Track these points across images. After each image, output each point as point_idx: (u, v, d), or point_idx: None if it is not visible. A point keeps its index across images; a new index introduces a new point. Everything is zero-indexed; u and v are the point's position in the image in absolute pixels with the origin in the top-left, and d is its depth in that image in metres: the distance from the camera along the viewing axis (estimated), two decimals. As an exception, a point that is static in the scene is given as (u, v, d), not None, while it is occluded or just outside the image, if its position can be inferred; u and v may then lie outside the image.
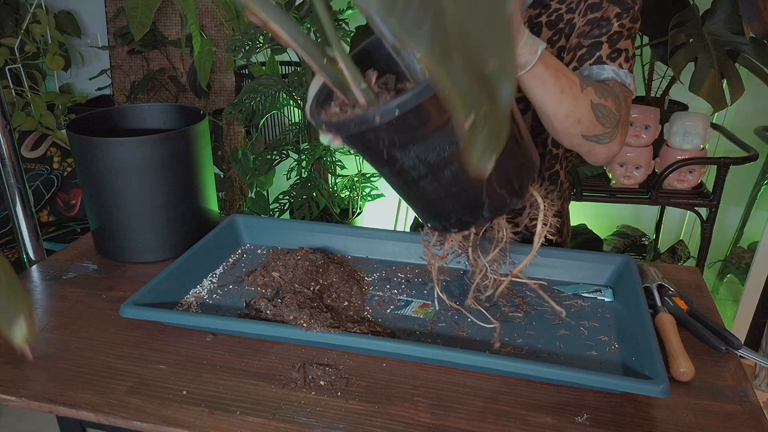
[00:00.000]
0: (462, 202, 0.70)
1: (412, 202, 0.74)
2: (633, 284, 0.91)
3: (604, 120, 0.85)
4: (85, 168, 1.04)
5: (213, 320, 0.86)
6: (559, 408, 0.74)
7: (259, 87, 1.99)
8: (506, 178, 0.71)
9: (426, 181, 0.68)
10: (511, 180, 0.72)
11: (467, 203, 0.70)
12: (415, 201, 0.73)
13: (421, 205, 0.73)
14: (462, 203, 0.70)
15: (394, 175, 0.70)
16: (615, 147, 0.89)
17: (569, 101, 0.81)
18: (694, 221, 2.31)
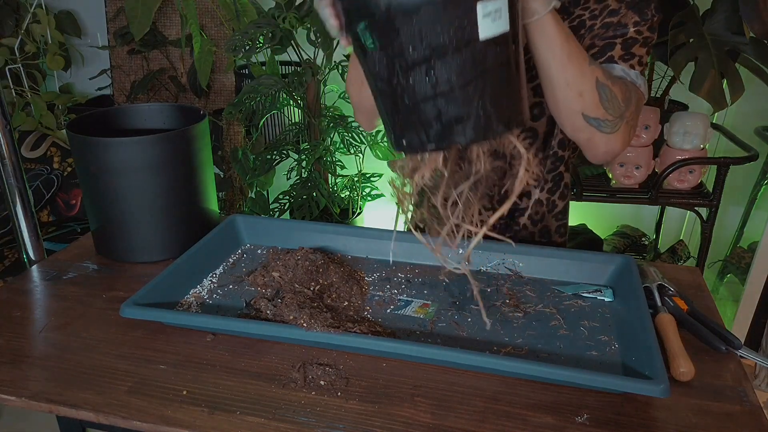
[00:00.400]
0: (450, 106, 0.65)
1: (392, 106, 0.68)
2: (633, 284, 0.91)
3: (607, 103, 0.84)
4: (85, 168, 1.04)
5: (213, 320, 0.86)
6: (559, 408, 0.74)
7: (259, 87, 1.99)
8: (499, 97, 0.67)
9: (418, 72, 0.64)
10: (503, 103, 0.68)
11: (455, 108, 0.65)
12: (396, 104, 0.68)
13: (403, 109, 0.67)
14: (450, 107, 0.65)
15: (383, 64, 0.65)
16: (616, 142, 0.88)
17: (574, 70, 0.81)
18: (694, 221, 2.31)
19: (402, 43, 0.63)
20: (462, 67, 0.63)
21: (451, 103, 0.65)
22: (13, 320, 0.92)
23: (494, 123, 0.67)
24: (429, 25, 0.61)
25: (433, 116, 0.66)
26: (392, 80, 0.67)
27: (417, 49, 0.63)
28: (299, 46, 2.05)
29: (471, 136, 0.66)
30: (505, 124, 0.68)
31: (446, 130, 0.66)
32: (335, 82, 2.23)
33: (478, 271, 1.02)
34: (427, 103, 0.65)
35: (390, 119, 0.70)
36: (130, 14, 2.20)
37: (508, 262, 1.02)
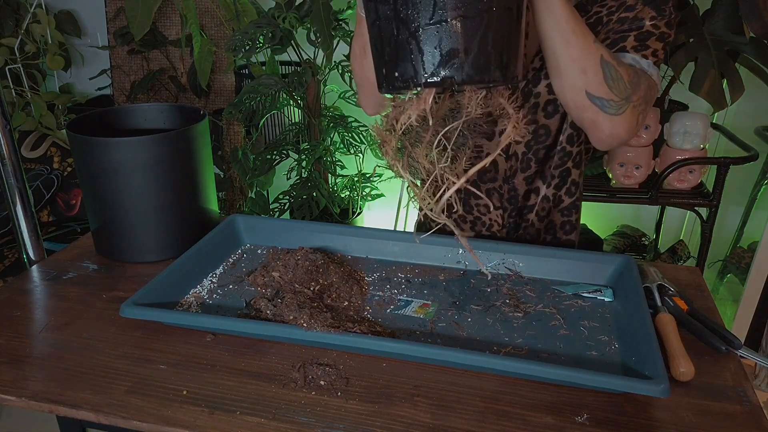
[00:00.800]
0: (452, 36, 0.64)
1: (391, 36, 0.66)
2: (633, 284, 0.91)
3: (611, 83, 0.83)
4: (85, 168, 1.04)
5: (213, 320, 0.86)
6: (559, 408, 0.74)
7: (259, 87, 1.99)
8: (500, 41, 0.66)
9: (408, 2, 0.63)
10: (503, 48, 0.66)
11: (456, 39, 0.64)
12: (397, 32, 0.66)
13: (403, 36, 0.65)
14: (452, 37, 0.64)
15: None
16: (621, 126, 0.87)
17: (579, 45, 0.81)
18: (694, 221, 2.31)
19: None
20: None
21: (454, 33, 0.63)
22: (13, 320, 0.92)
23: (492, 66, 0.65)
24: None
25: (432, 44, 0.64)
26: (397, 5, 0.64)
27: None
28: (299, 46, 2.05)
29: (468, 73, 0.64)
30: (502, 72, 0.66)
31: (443, 62, 0.64)
32: (335, 82, 2.23)
33: (478, 270, 1.02)
34: (429, 29, 0.63)
35: (385, 52, 0.68)
36: (130, 14, 2.20)
37: (508, 262, 1.02)
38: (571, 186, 1.11)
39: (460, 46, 0.64)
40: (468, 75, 0.65)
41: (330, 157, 2.19)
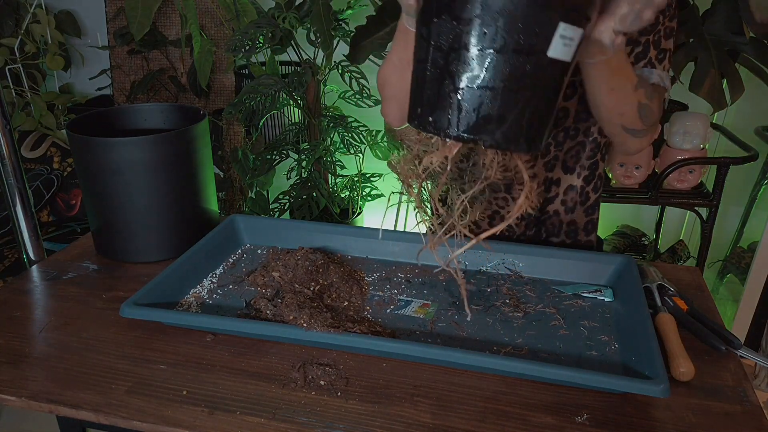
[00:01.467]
0: (494, 102, 0.66)
1: (436, 81, 0.68)
2: (633, 284, 0.91)
3: (645, 119, 0.89)
4: (85, 168, 1.04)
5: (213, 320, 0.86)
6: (559, 408, 0.74)
7: (259, 87, 1.99)
8: (538, 115, 0.68)
9: (480, 57, 0.64)
10: (536, 124, 0.69)
11: (497, 106, 0.66)
12: (441, 80, 0.67)
13: (447, 87, 0.67)
14: (493, 103, 0.66)
15: (449, 34, 0.65)
16: (646, 142, 0.94)
17: (621, 95, 0.84)
18: (694, 221, 2.31)
19: (479, 22, 0.63)
20: (521, 70, 0.64)
21: (496, 100, 0.65)
22: (13, 320, 0.92)
23: (522, 138, 0.68)
24: (512, 17, 0.62)
25: (472, 105, 0.65)
26: (450, 54, 0.66)
27: (490, 34, 0.63)
28: (299, 46, 2.05)
29: (498, 139, 0.67)
30: (529, 144, 0.69)
31: (478, 123, 0.66)
32: (335, 82, 2.23)
33: (478, 270, 1.02)
34: (473, 90, 0.65)
35: (425, 93, 0.69)
36: (130, 14, 2.20)
37: (508, 262, 1.02)
38: (597, 180, 1.11)
39: (498, 114, 0.66)
40: (497, 141, 0.67)
41: (330, 157, 2.19)
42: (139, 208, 1.05)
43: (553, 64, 0.66)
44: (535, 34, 0.63)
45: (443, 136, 0.69)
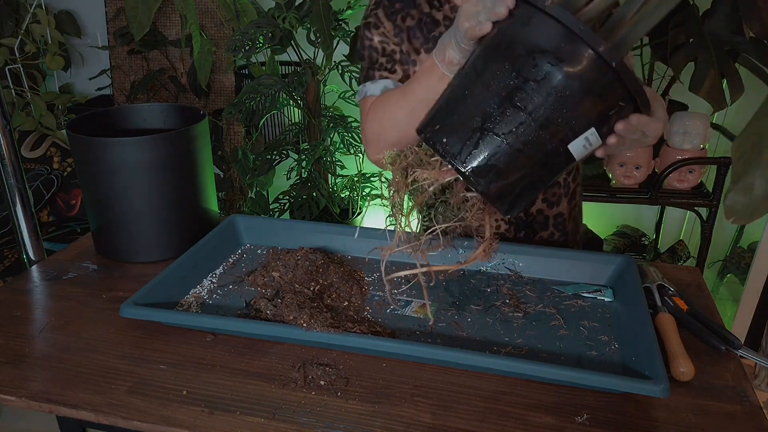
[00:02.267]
0: (506, 158, 0.68)
1: (467, 114, 0.70)
2: (633, 284, 0.91)
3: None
4: (85, 168, 1.04)
5: (213, 320, 0.86)
6: (559, 408, 0.74)
7: (259, 87, 1.99)
8: (531, 187, 0.72)
9: (517, 116, 0.67)
10: (527, 193, 0.73)
11: (506, 163, 0.68)
12: (471, 116, 0.69)
13: (472, 124, 0.69)
14: (505, 158, 0.68)
15: (504, 79, 0.67)
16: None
17: None
18: (694, 221, 2.31)
19: (534, 87, 0.66)
20: (542, 145, 0.68)
21: (509, 158, 0.68)
22: (13, 320, 0.92)
23: (508, 200, 0.72)
24: (563, 100, 0.65)
25: (487, 150, 0.68)
26: (493, 98, 0.68)
27: (536, 102, 0.66)
28: (299, 46, 2.05)
29: (491, 191, 0.70)
30: (509, 208, 0.73)
31: (483, 168, 0.69)
32: (335, 82, 2.23)
33: (478, 270, 1.02)
34: (495, 138, 0.68)
35: (451, 115, 0.71)
36: (130, 14, 2.20)
37: (508, 262, 1.02)
38: (575, 171, 1.12)
39: (504, 169, 0.69)
40: (489, 192, 0.70)
41: (330, 157, 2.19)
42: (139, 208, 1.05)
43: (565, 155, 0.69)
44: (570, 125, 0.67)
45: (448, 161, 0.71)
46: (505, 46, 0.69)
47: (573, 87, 0.65)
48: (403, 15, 1.01)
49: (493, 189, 0.70)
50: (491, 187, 0.69)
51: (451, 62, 0.81)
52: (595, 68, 0.64)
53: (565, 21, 0.64)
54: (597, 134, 0.69)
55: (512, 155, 0.68)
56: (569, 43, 0.64)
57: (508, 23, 0.70)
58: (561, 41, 0.65)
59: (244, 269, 1.04)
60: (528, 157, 0.68)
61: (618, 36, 0.72)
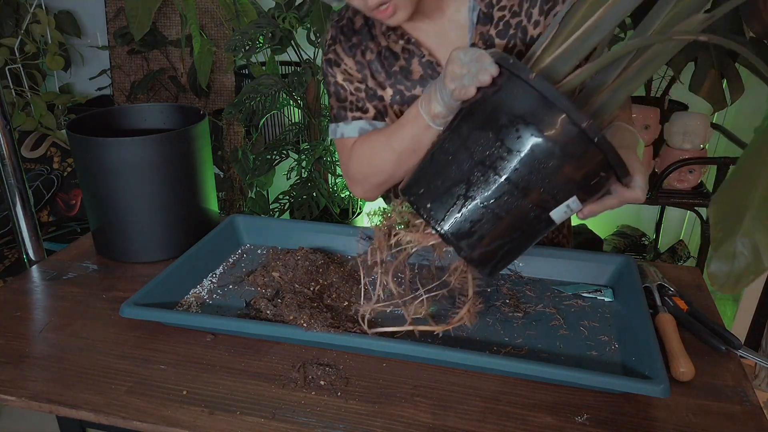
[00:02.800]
0: (486, 227, 0.70)
1: (451, 181, 0.71)
2: (633, 284, 0.91)
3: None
4: (85, 168, 1.04)
5: (213, 320, 0.86)
6: (559, 408, 0.74)
7: (259, 87, 1.99)
8: (511, 253, 0.74)
9: (499, 185, 0.69)
10: (507, 259, 0.75)
11: (487, 231, 0.70)
12: (456, 177, 0.71)
13: (457, 192, 0.70)
14: (485, 227, 0.70)
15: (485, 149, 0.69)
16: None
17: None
18: (694, 221, 2.31)
19: (518, 158, 0.67)
20: (524, 214, 0.70)
21: (492, 225, 0.70)
22: (13, 320, 0.92)
23: (491, 264, 0.74)
24: (546, 172, 0.67)
25: (471, 217, 0.70)
26: (477, 166, 0.70)
27: (520, 173, 0.68)
28: (299, 46, 2.05)
29: (473, 256, 0.72)
30: (491, 271, 0.75)
31: (466, 233, 0.71)
32: (335, 82, 2.23)
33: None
34: (478, 206, 0.70)
35: (435, 180, 0.73)
36: (130, 14, 2.20)
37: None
38: None
39: (486, 236, 0.71)
40: (471, 256, 0.72)
41: (330, 157, 2.19)
42: (139, 208, 1.05)
43: (547, 221, 0.71)
44: (552, 195, 0.69)
45: (431, 225, 0.73)
46: (488, 112, 0.70)
47: (556, 159, 0.67)
48: (362, 49, 0.99)
49: (476, 255, 0.72)
50: (474, 252, 0.71)
51: (437, 116, 0.82)
52: (577, 142, 0.66)
53: (548, 95, 0.65)
54: (578, 201, 0.71)
55: (495, 223, 0.70)
56: (553, 116, 0.66)
57: (493, 90, 0.71)
58: (545, 114, 0.66)
59: (244, 269, 1.04)
60: (510, 225, 0.70)
61: (597, 102, 0.75)
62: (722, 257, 0.74)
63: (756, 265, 0.72)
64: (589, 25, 0.70)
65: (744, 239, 0.72)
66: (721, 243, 0.75)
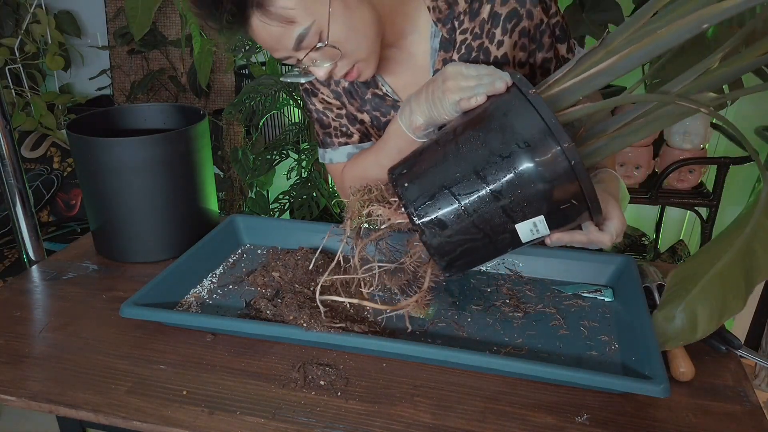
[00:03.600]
0: (455, 215, 0.73)
1: (436, 162, 0.75)
2: (633, 284, 0.91)
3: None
4: (85, 168, 1.04)
5: (213, 320, 0.86)
6: (559, 408, 0.74)
7: (259, 87, 1.99)
8: (469, 252, 0.75)
9: (479, 179, 0.71)
10: (465, 257, 0.76)
11: (454, 219, 0.73)
12: (439, 167, 0.74)
13: (440, 176, 0.74)
14: (455, 215, 0.73)
15: (476, 143, 0.72)
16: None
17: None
18: (694, 221, 2.31)
19: (499, 161, 0.71)
20: (491, 217, 0.72)
21: (458, 218, 0.73)
22: (13, 320, 0.92)
23: (448, 258, 0.76)
24: (520, 180, 0.70)
25: (441, 205, 0.73)
26: (460, 162, 0.74)
27: (497, 175, 0.71)
28: (299, 46, 2.05)
29: (433, 243, 0.74)
30: (447, 266, 0.77)
31: (432, 221, 0.74)
32: (335, 82, 2.23)
33: (478, 270, 1.02)
34: (450, 198, 0.73)
35: (420, 165, 0.77)
36: (130, 14, 2.19)
37: (508, 262, 1.02)
38: None
39: (450, 226, 0.73)
40: (431, 243, 0.74)
41: (330, 157, 2.19)
42: (139, 208, 1.05)
43: (512, 234, 0.73)
44: (521, 206, 0.71)
45: (402, 203, 0.76)
46: (483, 117, 0.74)
47: (532, 172, 0.69)
48: (334, 79, 0.98)
49: (435, 242, 0.74)
50: (434, 240, 0.74)
51: (419, 128, 0.85)
52: (555, 161, 0.69)
53: (540, 111, 0.69)
54: (545, 223, 0.73)
55: (461, 217, 0.73)
56: (539, 131, 0.69)
57: (493, 99, 0.75)
58: (532, 128, 0.70)
59: (244, 269, 1.04)
60: (476, 224, 0.73)
61: (592, 146, 0.78)
62: (663, 318, 0.77)
63: (690, 334, 0.75)
64: (600, 69, 0.73)
65: (687, 308, 0.74)
66: (665, 305, 0.78)
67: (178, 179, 1.06)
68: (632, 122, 0.76)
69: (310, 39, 0.82)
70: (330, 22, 0.81)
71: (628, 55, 0.71)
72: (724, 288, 0.72)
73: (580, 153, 0.73)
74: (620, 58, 0.72)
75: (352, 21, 0.83)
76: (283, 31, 0.81)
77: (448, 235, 0.73)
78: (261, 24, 0.81)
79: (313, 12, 0.80)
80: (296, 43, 0.82)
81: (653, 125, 0.75)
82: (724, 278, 0.72)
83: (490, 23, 0.91)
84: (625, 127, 0.77)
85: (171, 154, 1.04)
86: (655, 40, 0.69)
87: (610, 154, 0.78)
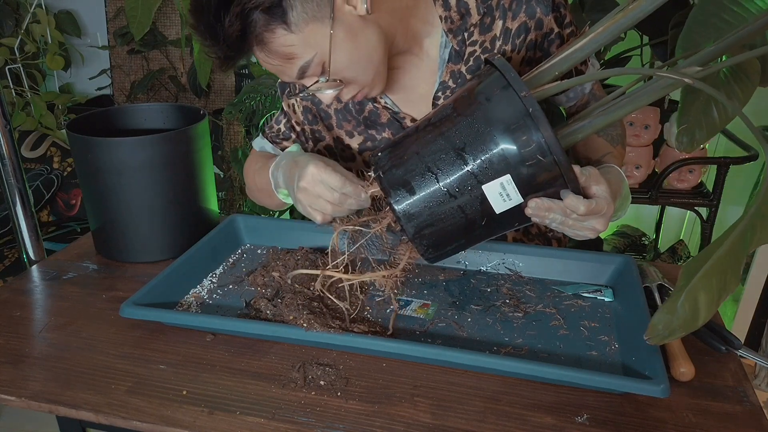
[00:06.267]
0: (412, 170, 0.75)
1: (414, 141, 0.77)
2: (633, 284, 0.91)
3: (623, 149, 1.01)
4: (85, 168, 1.04)
5: (213, 320, 0.86)
6: (559, 408, 0.74)
7: (259, 87, 1.99)
8: (435, 215, 0.76)
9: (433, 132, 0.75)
10: (434, 236, 0.78)
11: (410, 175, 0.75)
12: (416, 148, 0.77)
13: (418, 157, 0.76)
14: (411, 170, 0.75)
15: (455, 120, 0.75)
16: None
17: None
18: (694, 221, 2.31)
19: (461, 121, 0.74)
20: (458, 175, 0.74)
21: (422, 178, 0.75)
22: (13, 320, 0.92)
23: (413, 222, 0.77)
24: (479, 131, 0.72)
25: (415, 175, 0.76)
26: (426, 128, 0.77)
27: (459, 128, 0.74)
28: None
29: (398, 204, 0.77)
30: (414, 234, 0.78)
31: (401, 192, 0.76)
32: (335, 82, 2.23)
33: (478, 270, 1.02)
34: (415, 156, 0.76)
35: (396, 143, 0.79)
36: (130, 14, 2.20)
37: (508, 262, 1.02)
38: None
39: (417, 189, 0.76)
40: (398, 211, 0.77)
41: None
42: (139, 208, 1.05)
43: (481, 201, 0.74)
44: (485, 163, 0.72)
45: (374, 169, 0.79)
46: (460, 96, 0.78)
47: (492, 125, 0.71)
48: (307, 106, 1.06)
49: (402, 207, 0.76)
50: (401, 205, 0.76)
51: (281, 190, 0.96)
52: (515, 112, 0.70)
53: (502, 70, 0.72)
54: (514, 186, 0.72)
55: (427, 177, 0.75)
56: (499, 88, 0.72)
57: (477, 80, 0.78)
58: (494, 86, 0.73)
59: (244, 269, 1.04)
60: (443, 188, 0.74)
61: (575, 125, 0.80)
62: (667, 310, 0.77)
63: (691, 323, 0.74)
64: (574, 49, 0.78)
65: (689, 296, 0.74)
66: (671, 298, 0.77)
67: (178, 179, 1.06)
68: (616, 100, 0.80)
69: (313, 69, 0.83)
70: (332, 51, 0.81)
71: (595, 36, 0.78)
72: (723, 270, 0.71)
73: (563, 132, 0.75)
74: (589, 40, 0.78)
75: (356, 47, 0.82)
76: (286, 64, 0.82)
77: (413, 194, 0.75)
78: (263, 57, 0.82)
79: (314, 44, 0.80)
80: (299, 74, 0.83)
81: (637, 101, 0.78)
82: (723, 261, 0.71)
83: (502, 39, 0.92)
84: (610, 104, 0.79)
85: (171, 154, 1.04)
86: (617, 22, 0.77)
87: (593, 131, 0.79)
